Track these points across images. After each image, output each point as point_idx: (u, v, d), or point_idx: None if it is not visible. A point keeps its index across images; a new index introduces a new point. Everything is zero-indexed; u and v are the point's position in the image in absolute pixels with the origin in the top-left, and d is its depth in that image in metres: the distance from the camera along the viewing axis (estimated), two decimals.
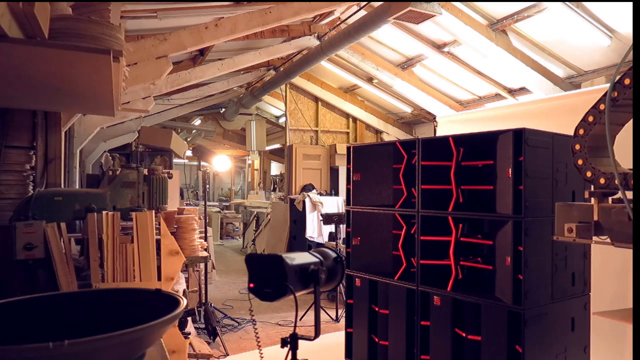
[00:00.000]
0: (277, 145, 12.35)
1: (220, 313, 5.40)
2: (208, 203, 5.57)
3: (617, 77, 2.53)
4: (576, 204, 1.83)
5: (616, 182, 1.79)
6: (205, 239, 4.83)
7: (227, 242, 12.80)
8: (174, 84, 5.76)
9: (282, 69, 7.90)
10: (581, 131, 2.56)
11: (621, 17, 4.44)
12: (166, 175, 4.70)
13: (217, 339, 4.57)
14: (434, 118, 7.73)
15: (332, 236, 6.80)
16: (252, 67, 7.85)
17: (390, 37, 6.43)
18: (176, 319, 1.14)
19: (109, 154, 7.02)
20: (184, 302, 1.19)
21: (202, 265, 5.15)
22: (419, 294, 3.08)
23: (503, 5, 4.99)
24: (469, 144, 3.00)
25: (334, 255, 1.95)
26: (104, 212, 3.41)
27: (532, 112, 5.34)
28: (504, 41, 5.33)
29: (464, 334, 2.83)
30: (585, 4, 4.49)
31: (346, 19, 6.25)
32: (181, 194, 8.44)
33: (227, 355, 4.37)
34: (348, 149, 3.70)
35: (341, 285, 3.75)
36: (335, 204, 8.07)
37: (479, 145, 2.97)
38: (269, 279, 1.70)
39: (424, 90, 7.34)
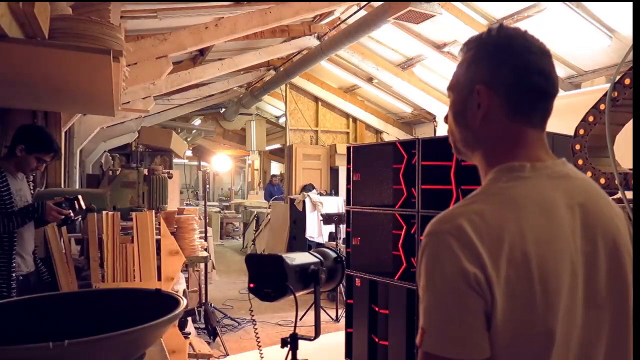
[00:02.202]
0: (277, 145, 12.34)
1: (220, 313, 5.40)
2: (208, 203, 5.57)
3: (617, 77, 2.53)
4: None
5: (616, 182, 1.79)
6: (205, 239, 4.83)
7: (227, 242, 12.80)
8: (174, 84, 5.76)
9: (282, 69, 7.90)
10: (581, 131, 2.56)
11: (621, 17, 4.44)
12: (166, 175, 4.71)
13: (217, 339, 4.57)
14: (434, 118, 7.75)
15: (332, 236, 6.80)
16: (252, 67, 7.85)
17: (390, 37, 6.43)
18: (176, 319, 1.14)
19: (109, 154, 7.02)
20: (184, 302, 1.19)
21: (202, 265, 5.15)
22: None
23: (503, 5, 4.99)
24: None
25: (334, 255, 1.95)
26: (104, 212, 3.41)
27: None
28: None
29: None
30: (585, 4, 4.49)
31: (346, 19, 6.24)
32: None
33: (227, 355, 4.37)
34: (348, 149, 3.70)
35: (341, 285, 3.75)
36: (335, 204, 8.07)
37: None
38: (269, 279, 1.70)
39: (424, 90, 7.34)
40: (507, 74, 0.89)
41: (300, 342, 1.77)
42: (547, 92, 0.91)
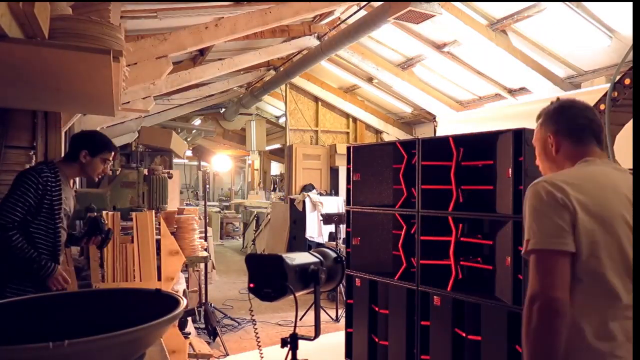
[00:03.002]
0: (277, 145, 12.34)
1: (220, 313, 5.40)
2: (208, 203, 5.57)
3: (617, 77, 2.54)
4: None
5: None
6: (205, 239, 4.84)
7: (227, 242, 12.80)
8: (174, 84, 5.75)
9: (282, 69, 7.90)
10: None
11: (621, 17, 4.43)
12: (166, 175, 4.72)
13: (217, 339, 4.57)
14: (434, 118, 7.74)
15: (332, 236, 6.80)
16: (252, 67, 7.84)
17: (390, 37, 6.43)
18: (176, 319, 1.14)
19: None
20: (184, 302, 1.19)
21: (202, 265, 5.15)
22: (419, 294, 3.08)
23: (503, 5, 4.99)
24: (469, 144, 3.00)
25: (334, 255, 1.95)
26: (104, 212, 3.41)
27: (532, 112, 5.31)
28: (504, 41, 5.33)
29: (464, 334, 2.83)
30: (585, 4, 4.49)
31: (346, 19, 6.24)
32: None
33: (227, 355, 4.37)
34: (348, 149, 3.70)
35: (341, 285, 3.76)
36: (335, 204, 8.07)
37: (479, 145, 2.97)
38: (269, 279, 1.70)
39: (424, 90, 7.33)
40: (563, 123, 1.55)
41: (300, 342, 1.77)
42: (591, 128, 1.53)
